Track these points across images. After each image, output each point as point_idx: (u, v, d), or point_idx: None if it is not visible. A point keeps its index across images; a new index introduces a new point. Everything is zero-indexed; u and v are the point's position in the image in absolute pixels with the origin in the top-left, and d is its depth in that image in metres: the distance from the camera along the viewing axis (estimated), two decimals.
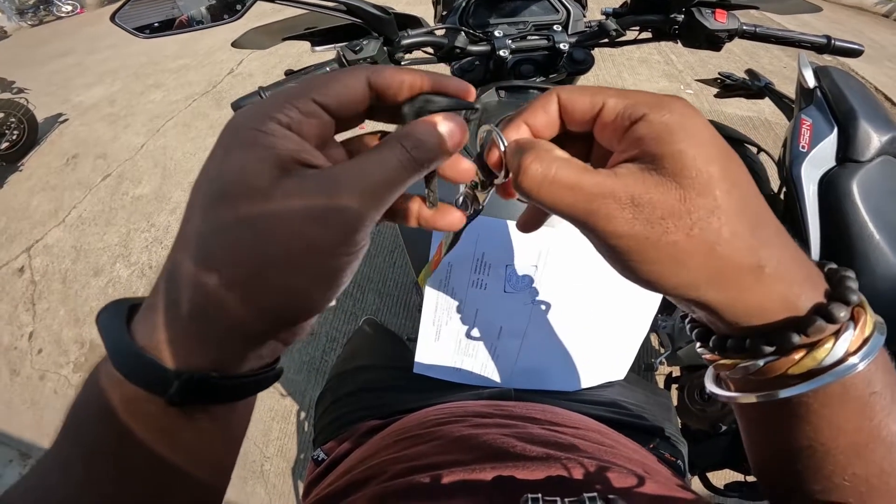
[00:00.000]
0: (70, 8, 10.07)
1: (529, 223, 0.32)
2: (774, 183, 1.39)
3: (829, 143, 1.10)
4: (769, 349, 0.22)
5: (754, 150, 1.46)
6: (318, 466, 0.56)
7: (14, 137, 3.82)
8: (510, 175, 0.24)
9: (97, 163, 3.69)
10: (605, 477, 0.36)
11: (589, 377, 0.62)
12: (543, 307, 0.58)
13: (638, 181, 0.21)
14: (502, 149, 0.25)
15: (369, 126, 0.27)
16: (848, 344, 0.21)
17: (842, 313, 0.21)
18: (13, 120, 3.81)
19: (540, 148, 0.23)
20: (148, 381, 0.21)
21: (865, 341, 0.21)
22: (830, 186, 1.08)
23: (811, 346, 0.21)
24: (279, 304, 0.21)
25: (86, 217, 3.11)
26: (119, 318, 0.22)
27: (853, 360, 0.21)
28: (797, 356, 0.21)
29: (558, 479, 0.36)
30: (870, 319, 0.22)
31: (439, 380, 0.63)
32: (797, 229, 1.10)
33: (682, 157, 0.21)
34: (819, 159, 1.10)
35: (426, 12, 0.93)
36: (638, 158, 0.22)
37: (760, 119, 2.96)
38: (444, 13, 0.93)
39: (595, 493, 0.29)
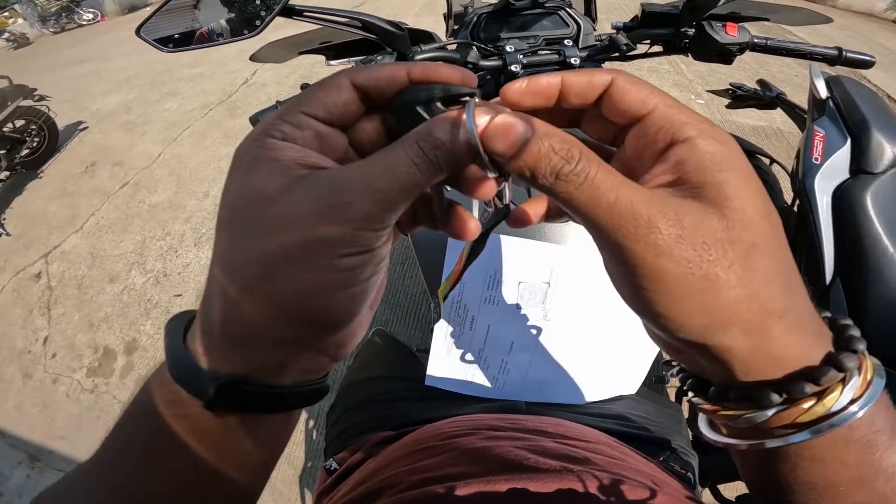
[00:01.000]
0: (91, 16, 10.33)
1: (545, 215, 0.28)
2: (787, 195, 1.38)
3: (843, 155, 1.09)
4: (778, 399, 0.21)
5: (767, 161, 1.45)
6: (329, 476, 0.57)
7: (35, 145, 3.92)
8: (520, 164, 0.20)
9: (114, 170, 3.77)
10: (618, 490, 0.36)
11: (600, 391, 0.62)
12: (555, 323, 0.58)
13: (682, 205, 0.20)
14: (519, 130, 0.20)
15: None
16: (854, 391, 0.21)
17: (851, 363, 0.21)
18: (34, 127, 3.90)
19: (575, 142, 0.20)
20: (190, 382, 0.22)
21: (868, 385, 0.21)
22: (844, 199, 1.06)
23: (819, 395, 0.21)
24: (297, 306, 0.21)
25: (103, 224, 3.18)
26: (180, 325, 0.24)
27: (857, 405, 0.21)
28: (806, 405, 0.21)
29: (571, 491, 0.36)
30: (870, 365, 0.22)
31: (450, 392, 0.63)
32: (811, 242, 1.09)
33: (725, 188, 0.20)
34: (832, 171, 1.08)
35: (434, 24, 0.94)
36: (675, 184, 0.21)
37: (772, 129, 2.94)
38: (456, 27, 0.95)
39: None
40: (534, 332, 0.59)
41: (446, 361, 0.62)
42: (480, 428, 0.49)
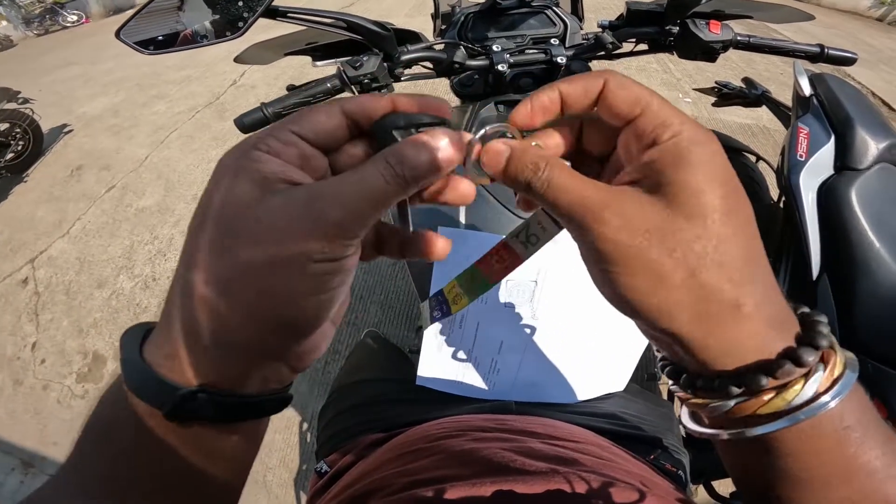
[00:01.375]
0: (75, 18, 10.19)
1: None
2: (774, 192, 1.39)
3: (827, 152, 1.10)
4: (737, 390, 0.22)
5: (753, 158, 1.47)
6: (321, 478, 0.57)
7: (19, 148, 3.83)
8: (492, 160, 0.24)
9: (101, 174, 3.72)
10: (606, 492, 0.36)
11: (589, 389, 0.62)
12: (543, 321, 0.58)
13: (632, 198, 0.22)
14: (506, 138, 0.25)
15: None
16: (817, 385, 0.22)
17: (810, 357, 0.21)
18: (18, 130, 3.83)
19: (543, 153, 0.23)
20: (149, 394, 0.22)
21: (835, 381, 0.22)
22: (829, 195, 1.08)
23: (781, 388, 0.22)
24: (267, 309, 0.22)
25: (90, 229, 3.13)
26: (136, 337, 0.24)
27: (822, 399, 0.21)
28: (766, 397, 0.22)
29: (558, 493, 0.36)
30: (839, 361, 0.22)
31: (441, 393, 0.63)
32: (797, 238, 1.10)
33: (680, 184, 0.21)
34: (817, 168, 1.10)
35: (424, 24, 0.94)
36: (640, 182, 0.22)
37: (759, 126, 2.97)
38: (443, 27, 0.94)
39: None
40: (523, 331, 0.59)
41: (437, 361, 0.62)
42: (468, 429, 0.49)
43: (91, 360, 2.25)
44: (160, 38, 0.75)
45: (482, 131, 0.25)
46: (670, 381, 0.26)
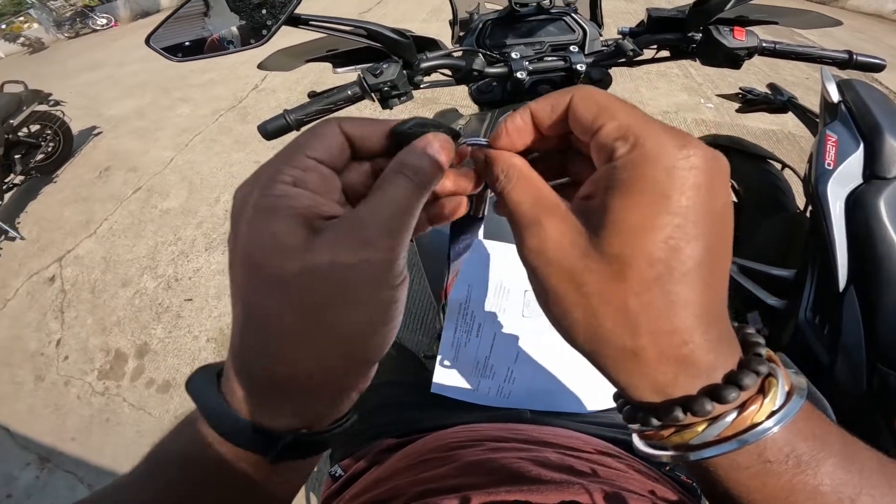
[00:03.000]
0: (105, 21, 10.52)
1: None
2: (800, 200, 1.36)
3: (856, 160, 1.07)
4: (657, 423, 0.22)
5: (779, 166, 1.44)
6: (334, 482, 0.57)
7: (49, 149, 3.97)
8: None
9: (128, 176, 3.83)
10: (617, 500, 0.36)
11: (603, 400, 0.62)
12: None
13: (563, 218, 0.22)
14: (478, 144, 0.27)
15: None
16: (753, 417, 0.21)
17: (731, 395, 0.20)
18: (49, 132, 3.96)
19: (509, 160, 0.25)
20: (248, 442, 0.23)
21: (776, 412, 0.21)
22: (857, 204, 1.05)
23: (713, 419, 0.21)
24: (352, 349, 0.23)
25: (116, 229, 3.22)
26: (211, 385, 0.25)
27: (762, 426, 0.21)
28: (699, 428, 0.21)
29: (569, 501, 0.36)
30: (777, 392, 0.21)
31: (455, 399, 0.63)
32: (824, 248, 1.08)
33: (609, 214, 0.20)
34: (845, 176, 1.07)
35: (441, 30, 0.95)
36: (589, 197, 0.22)
37: (784, 132, 2.91)
38: (461, 34, 0.95)
39: None
40: (540, 341, 0.59)
41: (452, 370, 0.62)
42: (483, 439, 0.48)
43: (113, 358, 2.31)
44: (187, 44, 0.77)
45: (469, 140, 0.27)
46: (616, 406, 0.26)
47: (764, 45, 0.78)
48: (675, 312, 0.20)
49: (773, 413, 0.21)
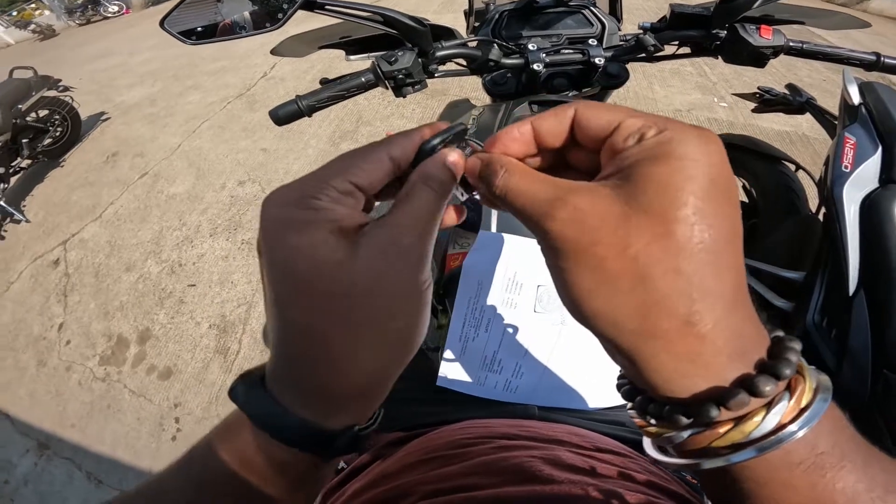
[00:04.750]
0: (116, 8, 10.51)
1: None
2: (813, 203, 1.34)
3: (873, 164, 1.06)
4: (686, 421, 0.20)
5: (792, 167, 1.42)
6: (337, 475, 0.56)
7: (57, 134, 3.99)
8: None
9: (135, 161, 3.83)
10: (627, 501, 0.35)
11: (612, 397, 0.61)
12: (572, 328, 0.57)
13: (589, 188, 0.21)
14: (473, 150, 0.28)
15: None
16: (780, 417, 0.19)
17: (768, 387, 0.19)
18: (57, 117, 3.99)
19: (505, 160, 0.25)
20: (308, 445, 0.24)
21: (803, 410, 0.20)
22: (872, 208, 1.03)
23: (739, 419, 0.20)
24: (394, 349, 0.25)
25: (122, 214, 3.23)
26: (263, 394, 0.25)
27: (787, 430, 0.19)
28: (722, 430, 0.20)
29: (582, 499, 0.35)
30: (808, 388, 0.20)
31: (461, 393, 0.62)
32: (836, 251, 1.06)
33: (648, 177, 0.20)
34: (862, 180, 1.05)
35: (453, 21, 0.93)
36: (612, 176, 0.21)
37: (798, 134, 2.87)
38: (477, 24, 0.93)
39: None
40: (550, 336, 0.58)
41: (460, 364, 0.61)
42: (493, 436, 0.48)
43: (115, 343, 2.32)
44: (200, 28, 0.76)
45: (468, 149, 0.28)
46: (628, 405, 0.25)
47: (791, 44, 0.76)
48: (730, 276, 0.20)
49: (802, 411, 0.20)
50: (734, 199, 0.21)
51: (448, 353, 0.60)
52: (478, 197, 0.29)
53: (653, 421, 0.23)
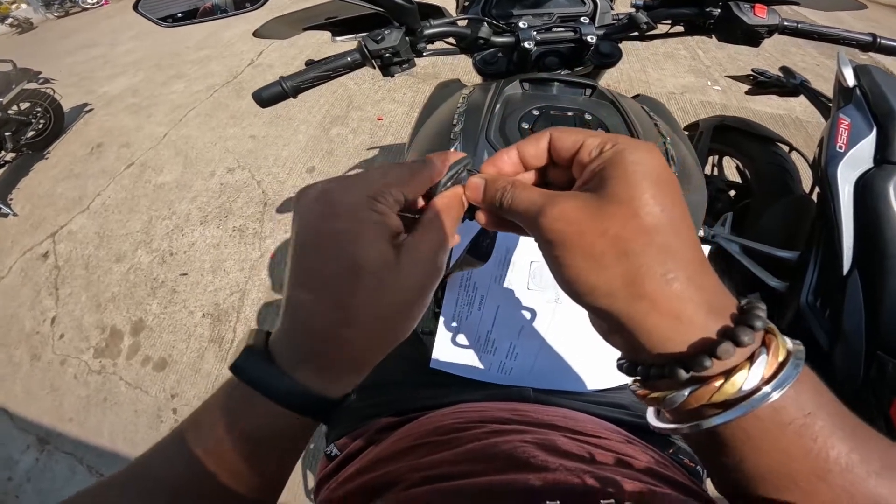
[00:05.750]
0: (94, 0, 10.22)
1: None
2: (806, 184, 1.34)
3: (868, 144, 1.06)
4: (685, 374, 0.24)
5: (786, 148, 1.42)
6: (330, 462, 0.56)
7: (40, 126, 3.91)
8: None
9: (121, 151, 3.76)
10: (628, 492, 0.34)
11: (608, 378, 0.60)
12: (566, 305, 0.56)
13: (572, 193, 0.27)
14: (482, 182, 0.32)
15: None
16: (763, 369, 0.23)
17: (746, 337, 0.23)
18: (39, 109, 3.90)
19: (502, 179, 0.30)
20: (312, 411, 0.28)
21: (781, 366, 0.23)
22: (867, 188, 1.04)
23: (728, 373, 0.23)
24: (398, 336, 0.30)
25: (109, 204, 3.18)
26: (271, 366, 0.28)
27: (770, 385, 0.23)
28: (716, 383, 0.23)
29: (577, 487, 0.35)
30: (781, 345, 0.24)
31: (454, 376, 0.61)
32: (829, 231, 1.07)
33: (613, 178, 0.25)
34: (856, 160, 1.06)
35: (446, 1, 0.91)
36: (587, 182, 0.27)
37: (791, 117, 2.87)
38: (466, 3, 0.91)
39: (612, 501, 0.31)
40: (544, 315, 0.57)
41: (453, 345, 0.60)
42: (485, 421, 0.47)
43: (108, 336, 2.30)
44: (180, 14, 0.73)
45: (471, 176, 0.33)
46: (631, 381, 0.29)
47: (786, 23, 0.75)
48: (689, 246, 0.25)
49: (781, 366, 0.23)
50: (677, 189, 0.26)
51: (441, 335, 0.59)
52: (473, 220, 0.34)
53: (655, 387, 0.26)
